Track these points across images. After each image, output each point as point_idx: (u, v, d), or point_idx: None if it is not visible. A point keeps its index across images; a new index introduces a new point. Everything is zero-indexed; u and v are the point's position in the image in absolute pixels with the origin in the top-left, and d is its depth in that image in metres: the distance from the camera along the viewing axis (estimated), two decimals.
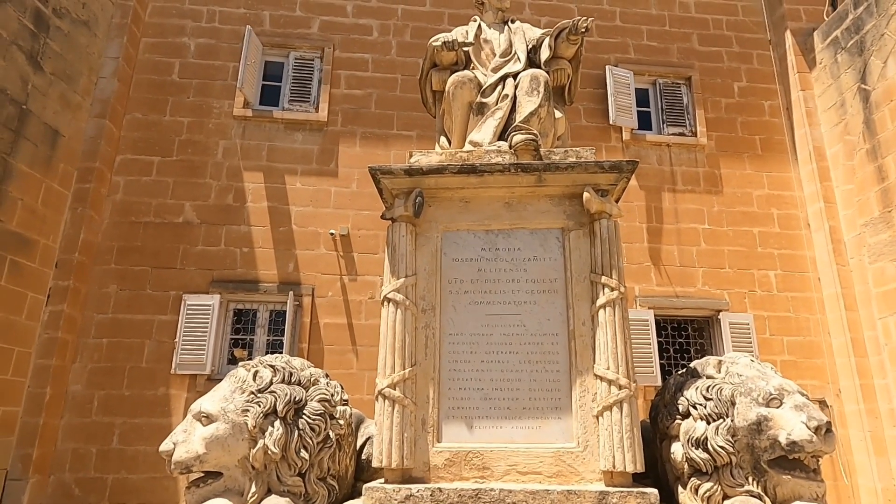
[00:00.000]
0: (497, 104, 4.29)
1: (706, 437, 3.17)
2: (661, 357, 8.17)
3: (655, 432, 3.68)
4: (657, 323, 8.18)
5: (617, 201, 3.84)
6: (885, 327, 7.52)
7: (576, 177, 3.70)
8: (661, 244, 8.46)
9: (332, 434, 3.47)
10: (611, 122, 8.83)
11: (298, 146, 8.34)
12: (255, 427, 3.24)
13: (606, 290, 3.50)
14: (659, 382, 7.80)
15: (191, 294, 7.45)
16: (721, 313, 8.18)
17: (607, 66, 9.07)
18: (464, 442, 3.41)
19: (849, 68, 8.33)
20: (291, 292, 7.34)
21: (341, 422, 3.58)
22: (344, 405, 3.81)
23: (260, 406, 3.29)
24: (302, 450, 3.31)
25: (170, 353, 7.29)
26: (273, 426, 3.27)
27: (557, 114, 4.55)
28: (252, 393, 3.34)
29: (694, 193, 8.75)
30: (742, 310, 8.24)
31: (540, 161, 3.74)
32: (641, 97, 9.42)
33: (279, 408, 3.30)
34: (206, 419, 3.23)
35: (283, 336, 7.51)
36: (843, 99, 8.43)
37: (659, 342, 8.17)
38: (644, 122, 9.26)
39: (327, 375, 3.99)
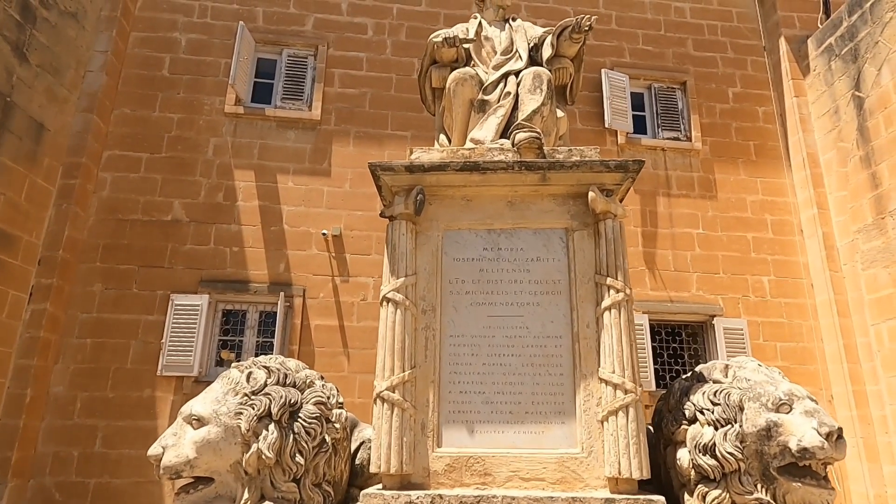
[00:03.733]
0: (499, 101, 4.21)
1: (714, 443, 3.09)
2: (654, 362, 8.12)
3: (659, 438, 3.60)
4: (651, 328, 8.13)
5: (621, 202, 3.77)
6: (878, 334, 7.53)
7: (580, 176, 3.62)
8: (655, 248, 8.42)
9: (327, 438, 3.35)
10: (606, 126, 8.80)
11: (291, 145, 8.21)
12: (248, 431, 3.11)
13: (612, 291, 3.42)
14: (654, 387, 7.75)
15: (179, 294, 7.28)
16: (715, 318, 8.15)
17: (603, 70, 9.05)
18: (465, 447, 3.31)
19: (843, 75, 8.36)
20: (282, 293, 7.20)
21: (337, 425, 3.46)
22: (340, 408, 3.70)
23: (254, 409, 3.16)
24: (297, 454, 3.18)
25: (156, 355, 7.10)
26: (267, 430, 3.14)
27: (559, 113, 4.48)
28: (245, 395, 3.21)
29: (688, 198, 8.74)
30: (736, 315, 8.22)
31: (544, 159, 3.65)
32: (637, 101, 9.41)
33: (274, 410, 3.18)
34: (198, 422, 3.09)
35: (272, 338, 7.36)
36: (836, 106, 8.47)
37: (653, 347, 8.13)
38: (639, 126, 9.25)
39: (322, 378, 3.87)
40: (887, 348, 7.38)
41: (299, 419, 3.27)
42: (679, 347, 8.38)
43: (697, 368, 3.58)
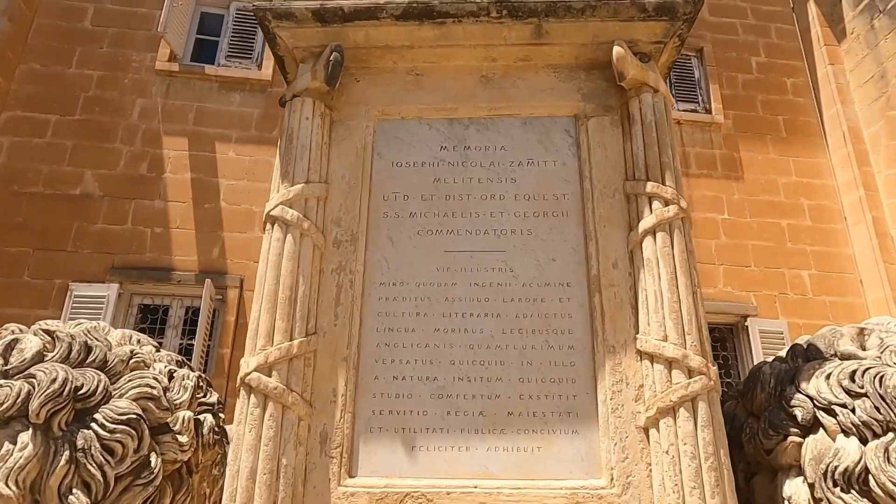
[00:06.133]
0: None
1: (865, 468, 1.62)
2: None
3: (734, 459, 2.11)
4: None
5: (665, 77, 2.36)
6: None
7: (599, 27, 2.22)
8: None
9: (155, 461, 1.86)
10: None
11: (235, 109, 6.82)
12: None
13: (656, 204, 1.99)
14: None
15: (81, 283, 5.78)
16: (749, 319, 6.68)
17: None
18: (398, 476, 1.83)
19: (890, 33, 7.09)
20: (208, 281, 5.70)
21: (183, 438, 1.97)
22: (204, 411, 2.22)
23: None
24: (79, 489, 1.69)
25: None
26: (14, 442, 1.66)
27: None
28: None
29: (710, 178, 7.36)
30: (773, 316, 6.76)
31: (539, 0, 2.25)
32: None
33: (33, 406, 1.69)
34: None
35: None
36: (883, 69, 7.17)
37: None
38: None
39: (187, 365, 2.40)
40: None
41: (94, 424, 1.78)
42: None
43: (800, 340, 2.13)
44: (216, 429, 2.31)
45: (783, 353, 2.14)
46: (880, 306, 6.74)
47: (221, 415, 2.45)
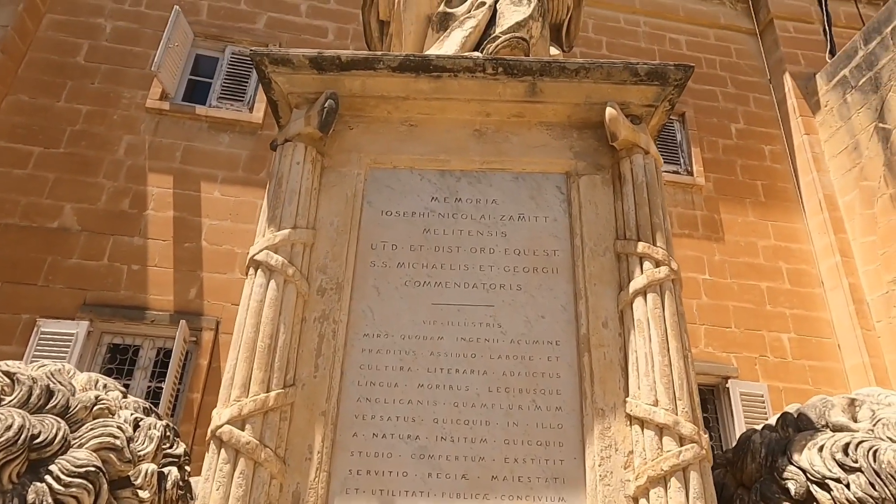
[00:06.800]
0: (469, 13, 2.90)
1: None
2: None
3: None
4: None
5: (655, 139, 2.40)
6: None
7: (592, 88, 2.26)
8: None
9: None
10: None
11: (223, 149, 6.81)
12: None
13: (647, 264, 1.97)
14: None
15: (49, 319, 5.58)
16: (730, 381, 6.66)
17: None
18: None
19: (862, 107, 7.40)
20: (183, 322, 5.54)
21: (144, 494, 1.85)
22: (169, 464, 2.09)
23: None
24: None
25: None
26: None
27: (553, 51, 3.19)
28: None
29: (692, 239, 7.46)
30: (753, 378, 6.75)
31: (535, 59, 2.29)
32: None
33: None
34: None
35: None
36: (856, 141, 7.45)
37: None
38: None
39: (154, 412, 2.28)
40: None
41: (48, 476, 1.65)
42: None
43: (790, 408, 2.09)
44: (180, 483, 2.17)
45: (772, 421, 2.09)
46: (858, 372, 6.78)
47: (187, 467, 2.31)
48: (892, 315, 6.66)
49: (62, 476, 1.66)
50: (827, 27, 8.81)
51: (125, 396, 2.21)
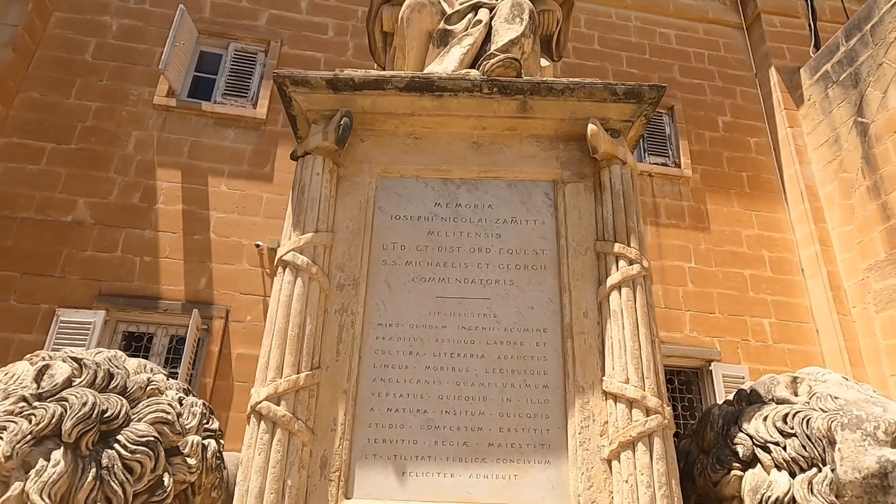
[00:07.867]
0: (466, 31, 3.18)
1: (793, 497, 1.90)
2: None
3: (687, 492, 2.37)
4: None
5: (632, 151, 2.71)
6: None
7: (576, 106, 2.56)
8: None
9: (168, 481, 2.05)
10: None
11: (228, 144, 7.08)
12: (11, 457, 1.80)
13: (622, 263, 2.29)
14: None
15: (67, 308, 5.88)
16: (713, 364, 7.04)
17: None
18: (389, 499, 2.05)
19: (842, 102, 7.72)
20: (196, 311, 5.85)
21: (192, 461, 2.16)
22: (208, 437, 2.41)
23: (30, 421, 1.86)
24: (102, 503, 1.88)
25: None
26: (48, 459, 1.84)
27: (544, 62, 3.48)
28: (24, 399, 1.92)
29: (679, 228, 7.80)
30: (736, 361, 7.13)
31: (525, 80, 2.58)
32: None
33: (66, 427, 1.88)
34: None
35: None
36: (836, 135, 7.77)
37: None
38: None
39: (192, 392, 2.58)
40: None
41: (116, 444, 1.97)
42: (671, 398, 7.19)
43: (745, 386, 2.42)
44: (218, 453, 2.50)
45: (731, 397, 2.42)
46: (834, 355, 7.16)
47: (221, 441, 2.63)
48: (866, 301, 7.03)
49: (128, 444, 1.97)
50: (812, 22, 9.09)
51: (168, 378, 2.53)
